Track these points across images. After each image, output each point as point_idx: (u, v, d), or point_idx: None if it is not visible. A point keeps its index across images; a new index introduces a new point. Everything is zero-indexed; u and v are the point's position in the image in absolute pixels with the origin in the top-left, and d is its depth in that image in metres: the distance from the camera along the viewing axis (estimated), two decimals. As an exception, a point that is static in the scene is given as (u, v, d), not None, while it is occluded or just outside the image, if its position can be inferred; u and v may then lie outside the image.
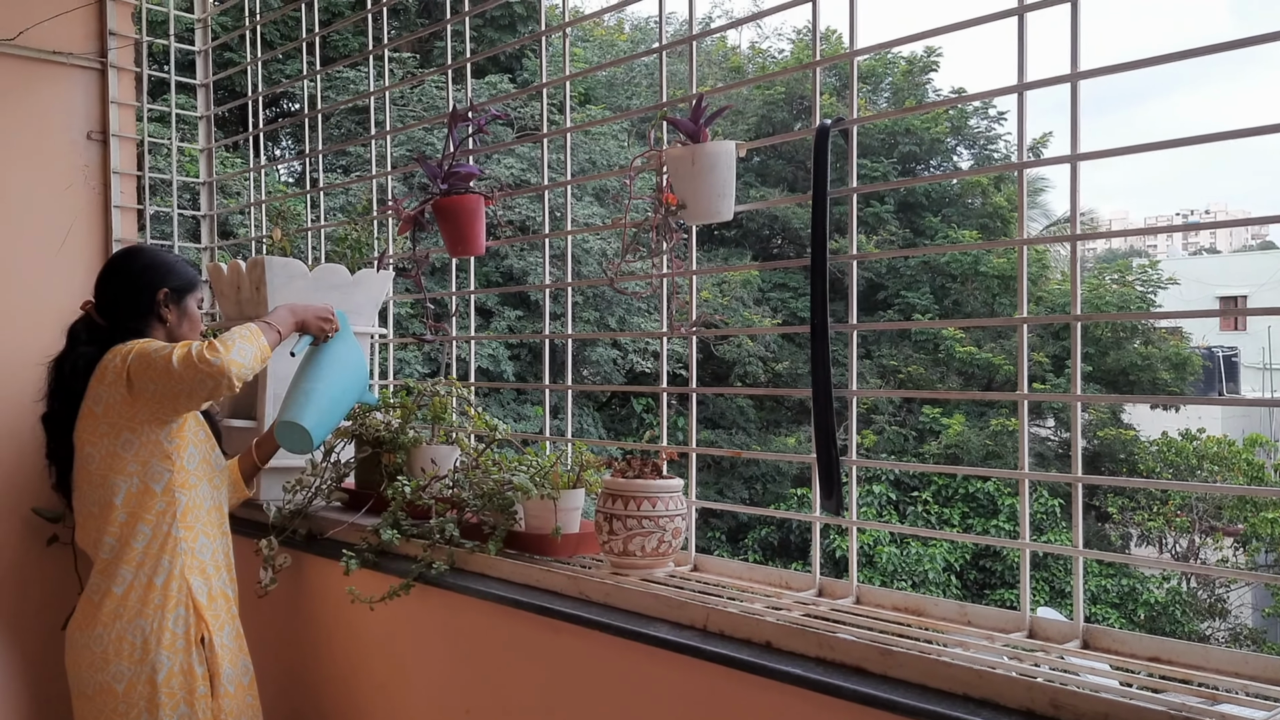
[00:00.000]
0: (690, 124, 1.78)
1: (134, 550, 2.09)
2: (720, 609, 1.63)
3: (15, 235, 3.31)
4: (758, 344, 14.59)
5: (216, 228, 3.80)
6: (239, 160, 9.89)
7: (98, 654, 2.08)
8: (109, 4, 3.44)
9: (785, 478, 14.36)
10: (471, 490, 2.20)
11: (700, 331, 1.98)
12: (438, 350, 12.61)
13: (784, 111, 16.36)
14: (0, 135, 3.26)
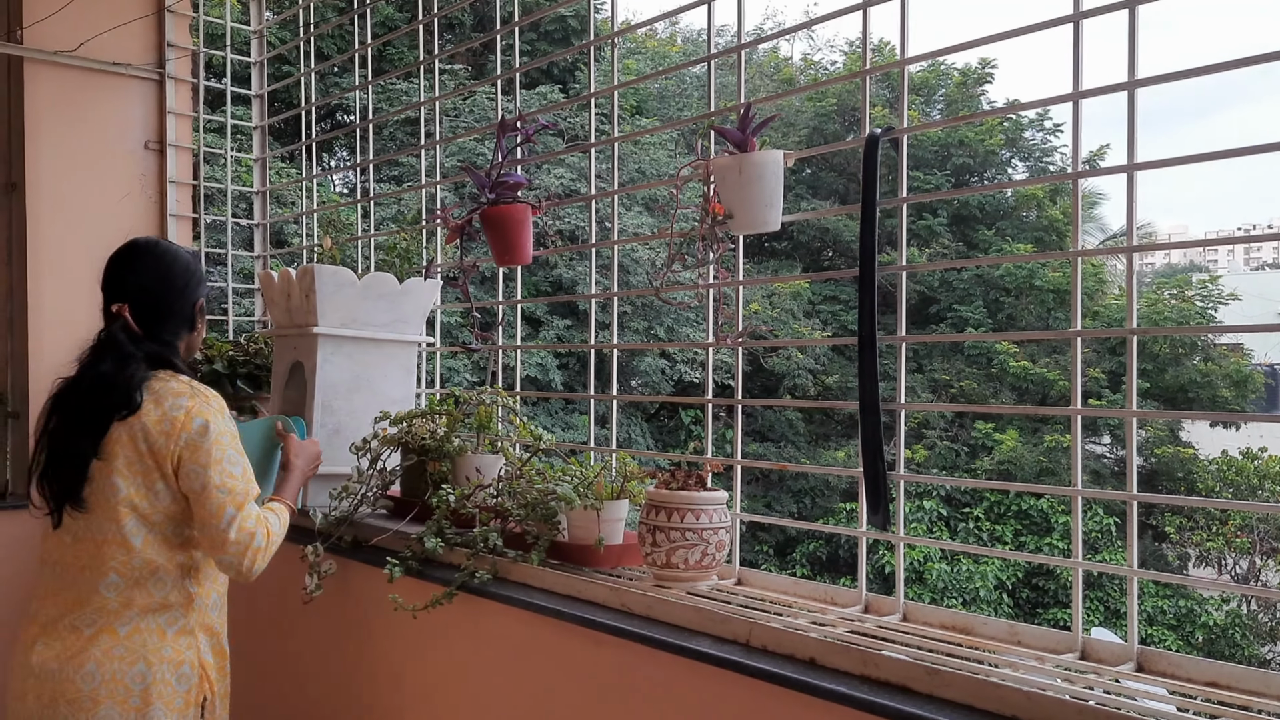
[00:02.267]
0: (738, 133, 1.76)
1: (150, 597, 1.93)
2: (763, 624, 1.61)
3: (75, 242, 3.39)
4: (807, 356, 14.50)
5: (270, 237, 3.85)
6: (294, 170, 10.06)
7: (85, 692, 1.87)
8: (167, 16, 3.52)
9: (835, 492, 14.23)
10: (515, 500, 2.20)
11: (747, 342, 1.96)
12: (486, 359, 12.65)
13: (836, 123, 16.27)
14: (61, 144, 3.35)
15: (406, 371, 2.82)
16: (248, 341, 3.31)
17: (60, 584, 1.95)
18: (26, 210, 3.29)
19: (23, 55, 3.26)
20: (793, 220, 1.87)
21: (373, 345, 2.74)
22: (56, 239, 3.34)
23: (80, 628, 1.91)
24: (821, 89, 11.52)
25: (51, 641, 1.91)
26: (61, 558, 1.95)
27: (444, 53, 2.93)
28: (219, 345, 3.30)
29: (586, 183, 9.64)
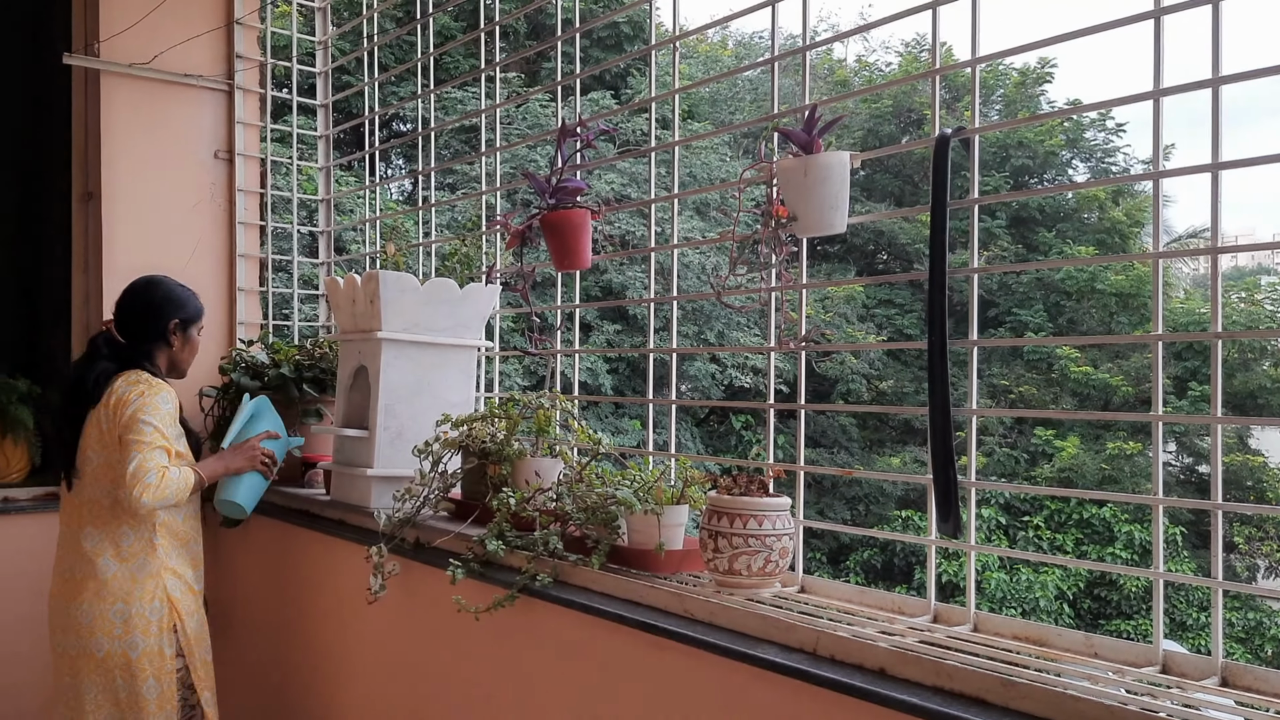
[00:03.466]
0: (803, 135, 1.75)
1: (119, 546, 2.51)
2: (830, 632, 1.59)
3: (149, 248, 3.47)
4: (861, 361, 14.36)
5: (333, 243, 3.91)
6: (352, 179, 10.21)
7: (82, 625, 2.47)
8: (236, 28, 3.59)
9: (890, 499, 14.08)
10: (575, 503, 2.20)
11: (809, 346, 1.94)
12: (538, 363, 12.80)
13: (891, 125, 16.12)
14: (136, 154, 3.44)
15: (466, 375, 2.85)
16: (313, 346, 3.36)
17: (62, 539, 2.57)
18: (103, 218, 3.38)
19: (100, 68, 3.35)
20: (857, 222, 1.85)
21: (434, 349, 2.77)
22: (131, 246, 3.43)
23: (73, 573, 2.50)
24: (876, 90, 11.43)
25: (58, 585, 2.54)
26: (64, 517, 2.57)
27: (502, 61, 2.95)
28: (285, 350, 3.36)
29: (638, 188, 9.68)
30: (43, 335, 3.72)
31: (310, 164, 3.89)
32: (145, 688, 2.52)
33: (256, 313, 3.72)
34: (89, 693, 2.49)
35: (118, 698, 2.50)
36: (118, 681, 2.49)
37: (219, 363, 3.52)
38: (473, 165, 11.58)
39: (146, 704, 2.52)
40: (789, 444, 2.02)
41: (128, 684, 2.50)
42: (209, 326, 3.59)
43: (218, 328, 3.62)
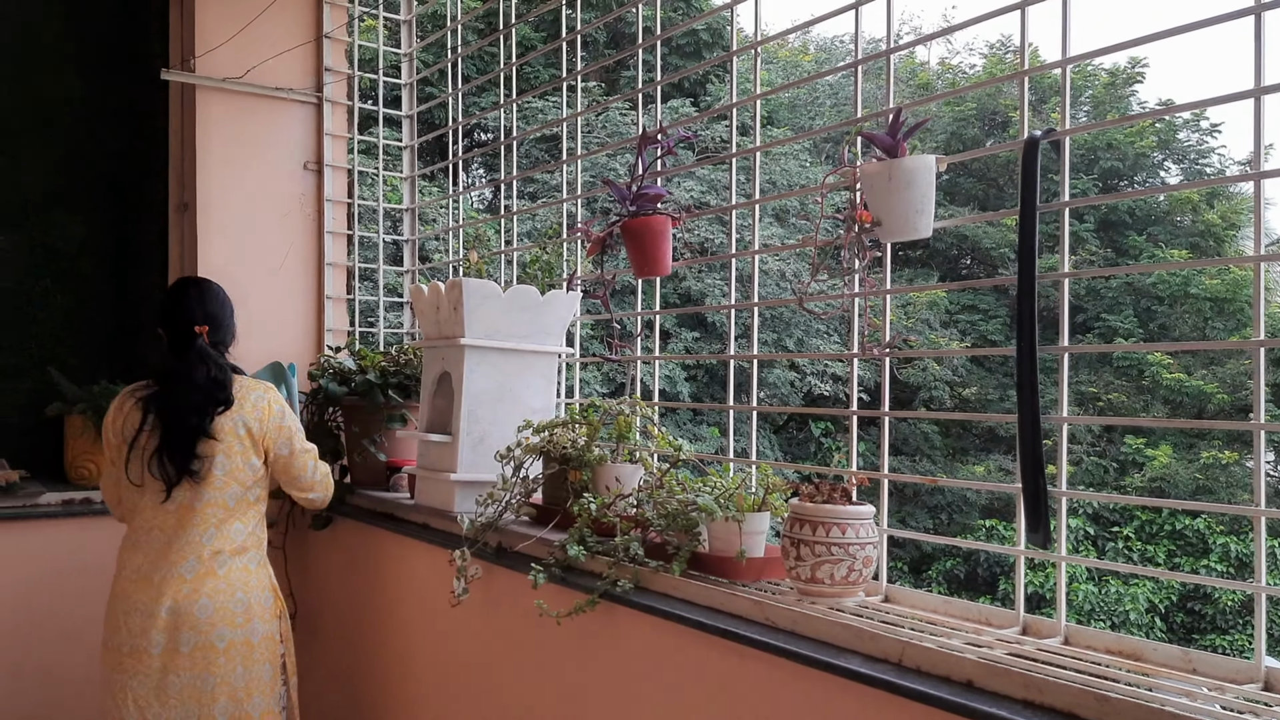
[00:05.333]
0: (888, 138, 1.73)
1: (235, 542, 2.62)
2: (916, 643, 1.56)
3: (241, 257, 3.58)
4: (944, 368, 14.11)
5: (417, 252, 3.99)
6: (434, 189, 10.39)
7: (203, 620, 2.54)
8: (325, 42, 3.69)
9: (973, 508, 13.80)
10: (655, 510, 2.20)
11: (894, 353, 1.92)
12: (616, 370, 12.85)
13: (975, 128, 15.83)
14: (229, 165, 3.55)
15: (547, 381, 2.87)
16: (398, 353, 3.43)
17: (166, 545, 2.56)
18: (197, 228, 3.50)
19: (195, 83, 3.47)
20: (943, 226, 1.83)
21: (515, 356, 2.80)
22: (223, 255, 3.54)
23: (186, 575, 2.55)
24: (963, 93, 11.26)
25: (166, 589, 2.53)
26: (164, 523, 2.57)
27: (583, 70, 2.98)
28: (371, 356, 3.43)
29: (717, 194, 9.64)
30: (140, 342, 3.86)
31: (394, 174, 3.97)
32: (261, 670, 2.64)
33: (344, 320, 3.81)
34: (206, 685, 2.55)
35: (234, 685, 2.59)
36: (238, 669, 2.59)
37: (308, 369, 3.61)
38: (552, 174, 11.69)
39: (261, 687, 2.64)
40: (869, 452, 2.00)
41: (246, 670, 2.60)
42: (301, 332, 3.70)
43: (307, 335, 3.72)
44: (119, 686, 2.56)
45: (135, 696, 2.54)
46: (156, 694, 2.54)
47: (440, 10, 3.79)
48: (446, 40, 3.67)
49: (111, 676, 2.58)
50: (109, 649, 2.61)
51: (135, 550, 2.60)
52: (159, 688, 2.54)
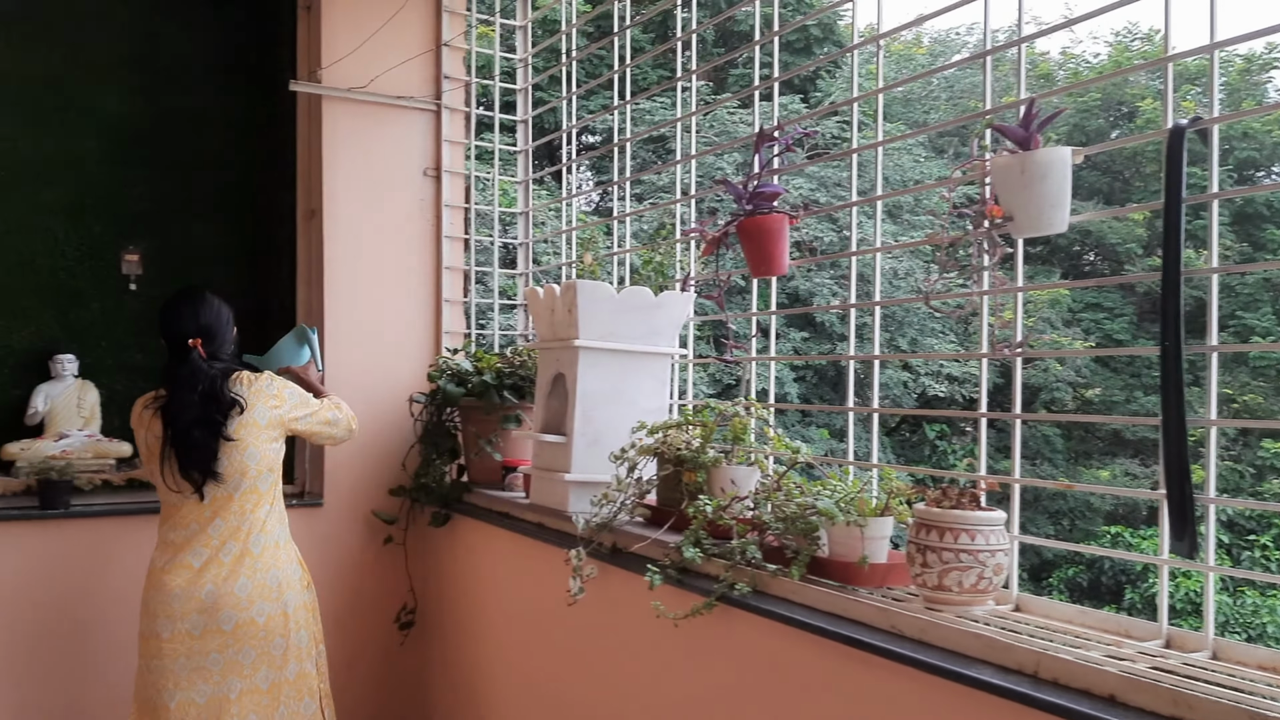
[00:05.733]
0: (1020, 130, 1.66)
1: (264, 523, 2.78)
2: (1053, 654, 1.50)
3: (363, 262, 3.68)
4: (1066, 368, 13.62)
5: (530, 254, 4.04)
6: (544, 192, 10.52)
7: (242, 598, 2.69)
8: (444, 50, 3.76)
9: (1097, 514, 13.28)
10: (773, 513, 2.17)
11: (1025, 353, 1.85)
12: (723, 370, 12.79)
13: (1099, 118, 15.24)
14: (353, 173, 3.65)
15: (660, 383, 2.86)
16: (512, 354, 3.47)
17: (203, 533, 2.72)
18: (324, 235, 3.61)
19: (322, 93, 3.59)
20: (1080, 220, 1.74)
21: (629, 357, 2.80)
22: (348, 260, 3.65)
23: (224, 559, 2.71)
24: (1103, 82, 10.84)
25: (205, 573, 2.69)
26: (200, 516, 2.73)
27: (697, 70, 2.97)
28: (487, 358, 3.49)
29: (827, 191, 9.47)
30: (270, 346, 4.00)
31: (508, 178, 4.03)
32: (297, 638, 2.80)
33: (460, 322, 3.88)
34: (247, 658, 2.70)
35: (272, 655, 2.74)
36: (276, 640, 2.75)
37: (427, 370, 3.69)
38: (660, 175, 11.71)
39: (297, 653, 2.80)
40: (1001, 454, 1.93)
41: (284, 639, 2.76)
42: (419, 335, 3.78)
43: (425, 337, 3.80)
44: (160, 671, 2.69)
45: (177, 680, 2.67)
46: (200, 672, 2.67)
47: (550, 15, 3.83)
48: (559, 45, 3.71)
49: (151, 663, 2.71)
50: (148, 637, 2.73)
51: (172, 541, 2.74)
52: (201, 667, 2.67)
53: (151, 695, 2.71)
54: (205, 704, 2.68)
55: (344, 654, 3.71)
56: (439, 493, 3.55)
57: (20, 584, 3.22)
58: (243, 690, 2.71)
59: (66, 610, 3.28)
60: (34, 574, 3.24)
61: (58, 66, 3.73)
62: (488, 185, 4.05)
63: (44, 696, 3.25)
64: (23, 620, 3.23)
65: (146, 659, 2.72)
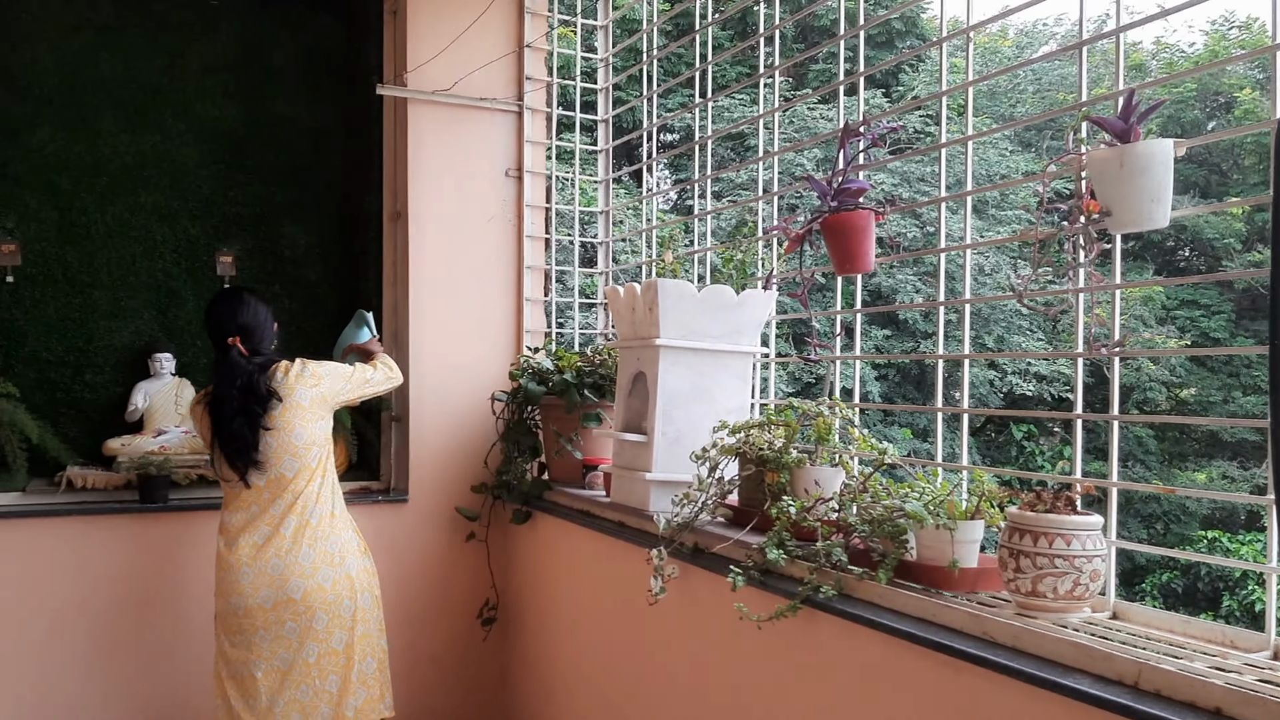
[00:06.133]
0: (1119, 123, 1.61)
1: (319, 497, 2.93)
2: (1154, 665, 1.44)
3: (447, 262, 3.74)
4: (1160, 367, 13.18)
5: (610, 253, 4.05)
6: (622, 191, 10.56)
7: (306, 566, 2.85)
8: (526, 51, 3.79)
9: (1193, 518, 12.82)
10: (859, 515, 2.14)
11: (1123, 352, 1.79)
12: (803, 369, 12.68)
13: (1196, 109, 14.71)
14: (437, 175, 3.71)
15: (742, 382, 2.84)
16: (593, 353, 3.49)
17: (264, 514, 2.88)
18: (409, 236, 3.67)
19: (407, 96, 3.65)
20: (1178, 216, 1.68)
21: (710, 356, 2.78)
22: (431, 260, 3.71)
23: (285, 534, 2.86)
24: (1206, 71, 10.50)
25: (268, 548, 2.85)
26: (258, 500, 2.89)
27: (778, 66, 2.94)
28: (568, 357, 3.51)
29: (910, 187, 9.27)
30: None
31: (587, 178, 4.04)
32: (363, 600, 2.95)
33: (540, 321, 3.91)
34: (319, 623, 2.86)
35: (342, 618, 2.90)
36: (343, 603, 2.90)
37: (508, 369, 3.73)
38: (739, 172, 11.66)
39: (363, 614, 2.96)
40: (1101, 457, 1.87)
41: (351, 601, 2.92)
42: (501, 334, 3.82)
43: (506, 336, 3.84)
44: (242, 646, 2.86)
45: (259, 651, 2.85)
46: (279, 641, 2.84)
47: (629, 15, 3.83)
48: (639, 44, 3.71)
49: (233, 639, 2.88)
50: (224, 616, 2.90)
51: (234, 524, 2.90)
52: (279, 636, 2.84)
53: (236, 669, 2.88)
54: (288, 670, 2.85)
55: (428, 647, 3.77)
56: (520, 490, 3.58)
57: (121, 574, 3.35)
58: (320, 653, 2.87)
59: (164, 599, 3.40)
60: (134, 564, 3.37)
61: (158, 74, 3.86)
62: (567, 185, 4.08)
63: (141, 682, 3.38)
64: (122, 608, 3.35)
65: (228, 635, 2.90)
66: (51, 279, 3.74)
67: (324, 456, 2.99)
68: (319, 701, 2.87)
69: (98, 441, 3.66)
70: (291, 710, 2.85)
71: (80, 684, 3.31)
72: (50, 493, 3.43)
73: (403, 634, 3.70)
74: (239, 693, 2.87)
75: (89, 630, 3.32)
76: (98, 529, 3.32)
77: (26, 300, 3.71)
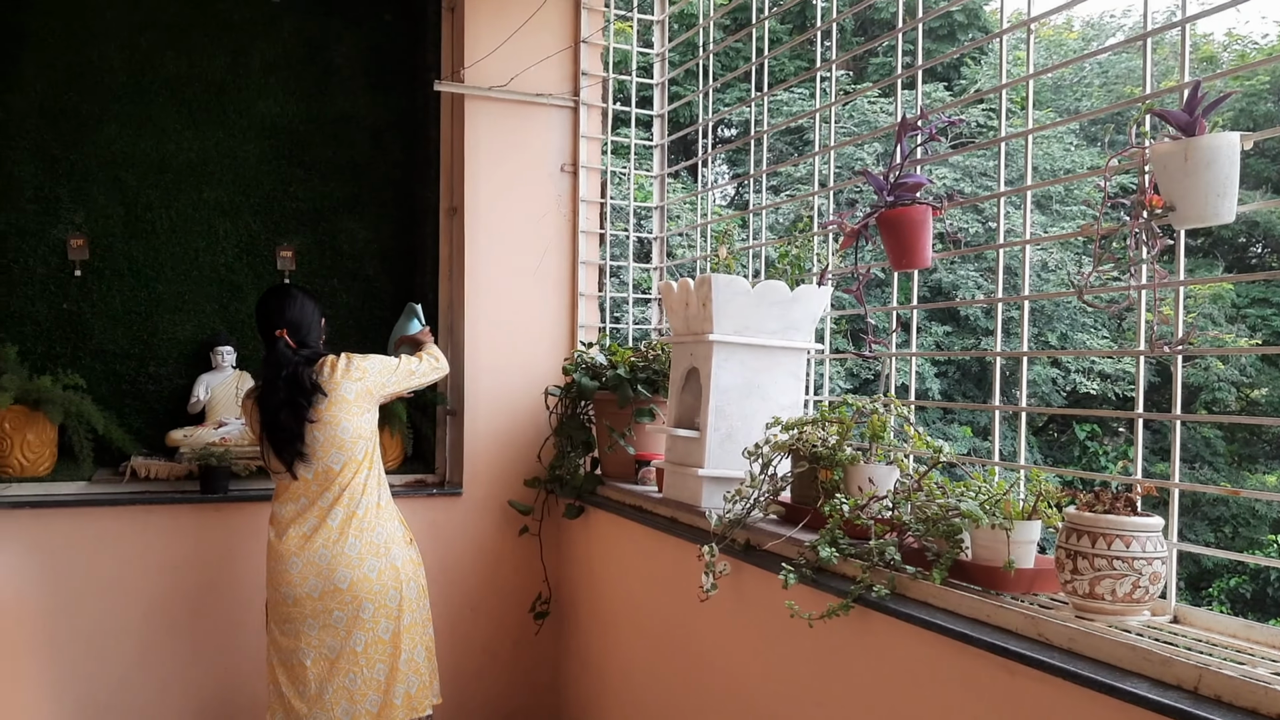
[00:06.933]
0: (1184, 115, 1.56)
1: (365, 488, 2.97)
2: (1215, 670, 1.41)
3: (502, 257, 3.77)
4: (1230, 367, 12.82)
5: (665, 249, 4.05)
6: (678, 186, 10.54)
7: (353, 556, 2.90)
8: (582, 47, 3.80)
9: (1262, 521, 12.45)
10: (913, 514, 2.12)
11: (1187, 350, 1.74)
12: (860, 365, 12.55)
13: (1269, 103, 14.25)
14: (493, 170, 3.74)
15: (795, 378, 2.82)
16: (646, 348, 3.49)
17: (312, 505, 2.93)
18: (465, 230, 3.71)
19: (464, 92, 3.68)
20: (1248, 211, 1.63)
21: (764, 352, 2.77)
22: (487, 255, 3.74)
23: (333, 524, 2.91)
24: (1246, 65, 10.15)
25: (315, 539, 2.90)
26: (306, 492, 2.94)
27: (837, 60, 2.91)
28: (621, 352, 3.51)
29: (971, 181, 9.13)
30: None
31: (643, 173, 4.04)
32: (409, 590, 3.00)
33: (594, 316, 3.92)
34: (366, 612, 2.91)
35: (389, 607, 2.95)
36: (389, 593, 2.94)
37: (562, 363, 3.75)
38: (796, 166, 11.58)
39: (410, 604, 3.00)
40: (1166, 458, 1.82)
41: (397, 591, 2.96)
42: (555, 328, 3.84)
43: (560, 331, 3.86)
44: (291, 634, 2.92)
45: (308, 639, 2.90)
46: (327, 630, 2.90)
47: (686, 9, 3.82)
48: (696, 38, 3.70)
49: (283, 628, 2.94)
50: (274, 605, 2.96)
51: (284, 515, 2.96)
52: (328, 625, 2.90)
53: (286, 657, 2.94)
54: (336, 658, 2.90)
55: (481, 639, 3.81)
56: (573, 485, 3.60)
57: (182, 562, 3.43)
58: (367, 642, 2.92)
59: (223, 587, 3.48)
60: (195, 553, 3.45)
61: (222, 72, 3.94)
62: (622, 180, 4.08)
63: (198, 668, 3.46)
64: (183, 595, 3.44)
65: (278, 624, 2.96)
66: (118, 273, 3.84)
67: (370, 449, 3.03)
68: (367, 689, 2.92)
69: (161, 432, 3.76)
70: (340, 698, 2.90)
71: (140, 668, 3.40)
72: (115, 482, 3.52)
73: (455, 625, 3.74)
74: (289, 680, 2.94)
75: (149, 616, 3.41)
76: (160, 518, 3.41)
77: (94, 293, 3.81)
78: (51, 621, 3.30)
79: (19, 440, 3.37)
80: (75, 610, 3.33)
